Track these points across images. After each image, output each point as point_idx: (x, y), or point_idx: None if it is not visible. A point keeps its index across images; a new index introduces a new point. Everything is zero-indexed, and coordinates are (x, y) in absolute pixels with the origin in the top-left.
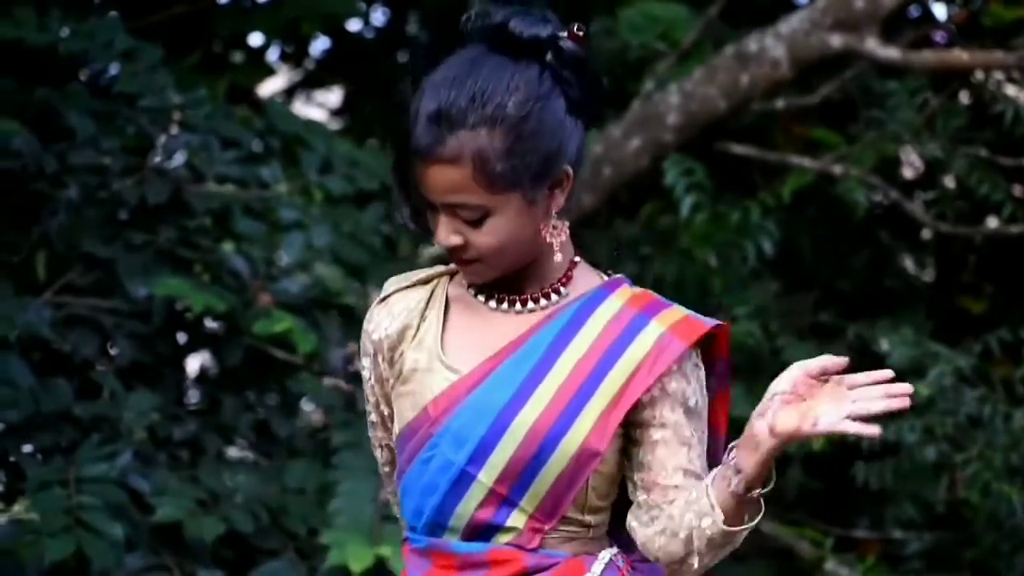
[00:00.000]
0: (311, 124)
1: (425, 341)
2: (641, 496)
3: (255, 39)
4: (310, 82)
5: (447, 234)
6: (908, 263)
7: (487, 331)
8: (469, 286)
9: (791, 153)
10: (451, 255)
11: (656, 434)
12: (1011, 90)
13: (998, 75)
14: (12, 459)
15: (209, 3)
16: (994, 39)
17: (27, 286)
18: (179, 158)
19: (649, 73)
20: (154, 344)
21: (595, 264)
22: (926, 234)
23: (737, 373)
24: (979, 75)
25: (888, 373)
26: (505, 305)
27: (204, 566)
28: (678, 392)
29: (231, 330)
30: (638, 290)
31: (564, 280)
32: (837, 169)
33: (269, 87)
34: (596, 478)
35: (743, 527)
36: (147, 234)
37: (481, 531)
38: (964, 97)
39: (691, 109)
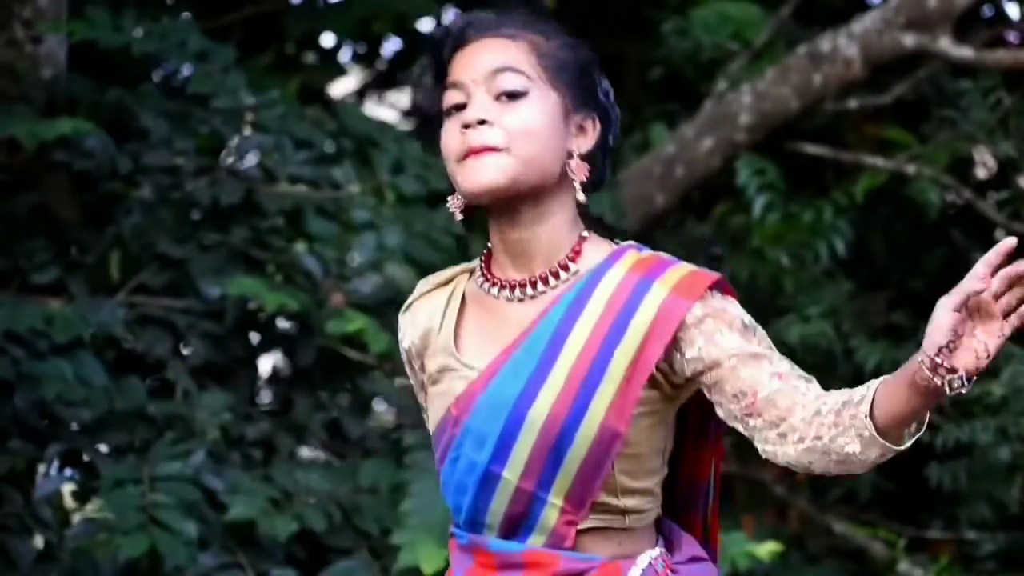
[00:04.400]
0: (383, 125)
1: (442, 341)
2: (754, 423)
3: (327, 40)
4: (382, 82)
5: (479, 110)
6: None
7: (500, 324)
8: (484, 276)
9: (864, 153)
10: (470, 148)
11: (728, 364)
12: None
13: None
14: (86, 458)
15: (281, 3)
16: None
17: (101, 286)
18: (252, 159)
19: (722, 73)
20: (227, 344)
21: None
22: (999, 234)
23: (810, 372)
24: None
25: (1009, 244)
26: (517, 293)
27: (277, 564)
28: (719, 325)
29: (304, 330)
30: (645, 254)
31: (573, 256)
32: (910, 169)
33: (341, 87)
34: (625, 460)
35: (892, 432)
36: (220, 234)
37: (516, 527)
38: None
39: (764, 109)
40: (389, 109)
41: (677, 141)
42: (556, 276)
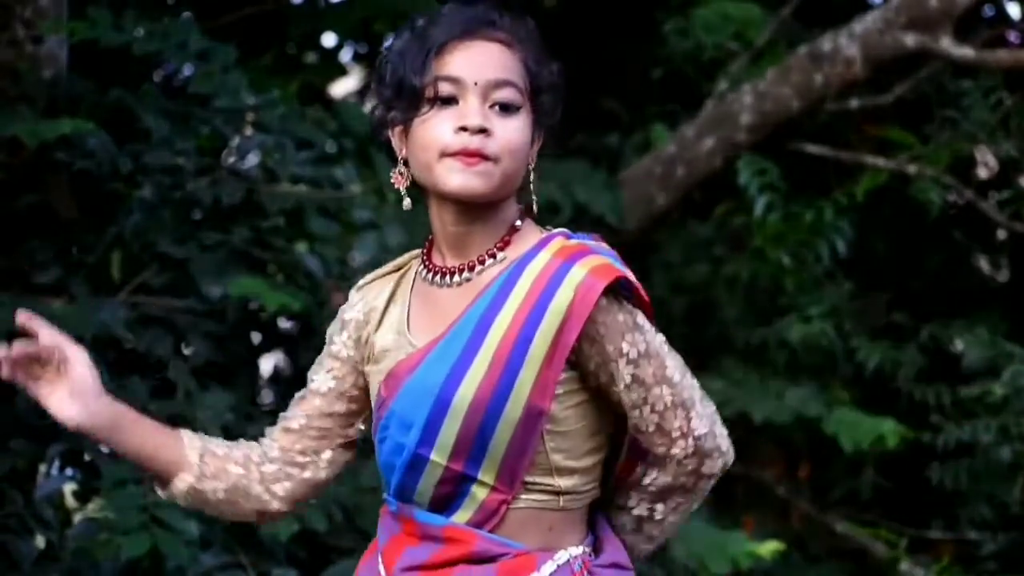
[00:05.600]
0: None
1: (393, 323)
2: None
3: (328, 39)
4: None
5: (481, 117)
6: (983, 263)
7: (436, 310)
8: (424, 264)
9: (865, 153)
10: (465, 150)
11: (627, 396)
12: None
13: None
14: (88, 458)
15: (282, 3)
16: None
17: (102, 286)
18: (253, 159)
19: (722, 73)
20: (228, 344)
21: (667, 264)
22: (1001, 234)
23: (811, 373)
24: None
25: None
26: (448, 279)
27: (278, 565)
28: (620, 350)
29: (305, 330)
30: (573, 242)
31: (502, 245)
32: (911, 169)
33: (342, 87)
34: (555, 439)
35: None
36: (221, 234)
37: (445, 502)
38: None
39: (764, 109)
40: None
41: (678, 141)
42: (482, 263)
